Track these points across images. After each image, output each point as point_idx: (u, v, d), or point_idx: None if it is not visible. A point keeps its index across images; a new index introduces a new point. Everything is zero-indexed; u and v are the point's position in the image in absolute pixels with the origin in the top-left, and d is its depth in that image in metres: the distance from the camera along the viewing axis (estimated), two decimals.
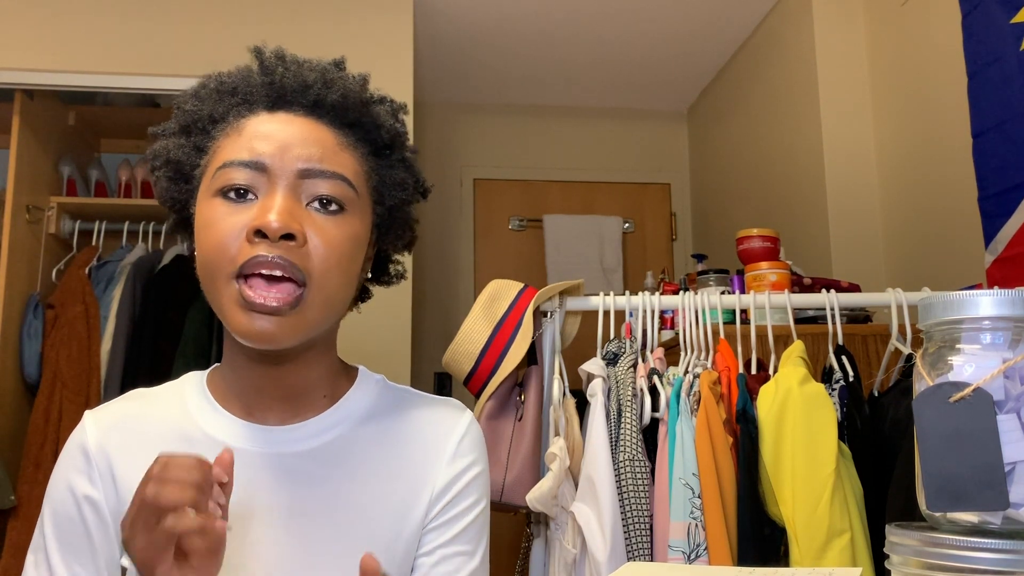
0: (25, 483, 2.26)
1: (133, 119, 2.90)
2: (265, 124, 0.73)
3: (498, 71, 3.45)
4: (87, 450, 0.77)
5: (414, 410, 0.84)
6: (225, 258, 0.68)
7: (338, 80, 0.77)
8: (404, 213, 0.83)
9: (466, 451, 0.82)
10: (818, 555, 1.26)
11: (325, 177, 0.72)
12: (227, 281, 0.68)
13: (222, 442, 0.76)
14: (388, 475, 0.78)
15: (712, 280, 1.94)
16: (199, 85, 0.79)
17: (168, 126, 0.79)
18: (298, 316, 0.69)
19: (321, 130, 0.75)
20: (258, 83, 0.76)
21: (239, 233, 0.68)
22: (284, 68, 0.76)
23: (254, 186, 0.70)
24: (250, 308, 0.67)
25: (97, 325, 2.44)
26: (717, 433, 1.38)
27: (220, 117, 0.76)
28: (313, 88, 0.75)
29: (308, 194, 0.71)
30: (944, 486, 0.57)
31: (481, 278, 3.62)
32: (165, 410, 0.80)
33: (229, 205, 0.70)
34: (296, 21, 2.56)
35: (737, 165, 3.27)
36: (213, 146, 0.75)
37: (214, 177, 0.71)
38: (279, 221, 0.67)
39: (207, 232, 0.70)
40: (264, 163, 0.70)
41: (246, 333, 0.68)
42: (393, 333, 2.41)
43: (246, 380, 0.78)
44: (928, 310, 0.62)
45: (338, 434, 0.79)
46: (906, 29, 2.33)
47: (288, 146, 0.71)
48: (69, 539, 0.74)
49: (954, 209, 2.09)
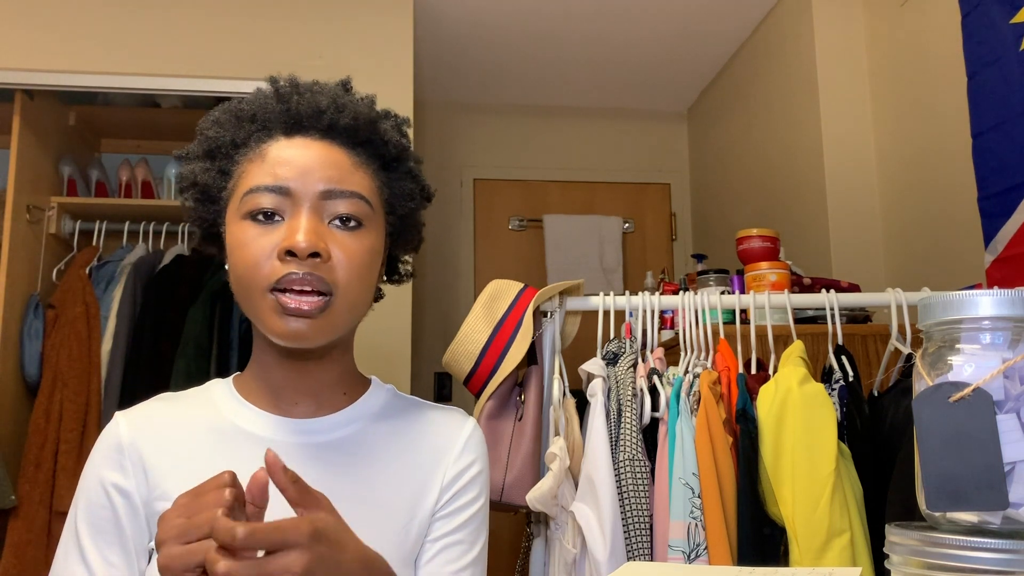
0: (25, 483, 2.26)
1: (133, 119, 2.90)
2: (285, 150, 0.81)
3: (498, 71, 3.45)
4: (120, 443, 0.82)
5: (423, 413, 0.93)
6: (260, 275, 0.77)
7: (349, 104, 0.84)
8: (413, 219, 0.92)
9: (471, 450, 0.91)
10: (818, 555, 1.26)
11: (344, 197, 0.80)
12: (263, 294, 0.77)
13: (251, 433, 0.84)
14: (402, 466, 0.87)
15: (712, 280, 1.94)
16: (219, 111, 0.86)
17: (192, 150, 0.87)
18: (326, 319, 0.78)
19: (336, 152, 0.82)
20: (275, 110, 0.83)
21: (271, 252, 0.77)
22: (299, 96, 0.83)
23: (280, 208, 0.78)
24: (286, 313, 0.76)
25: (97, 325, 2.44)
26: (717, 433, 1.38)
27: (242, 142, 0.84)
28: (326, 113, 0.82)
29: (329, 213, 0.80)
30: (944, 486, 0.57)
31: (481, 278, 3.62)
32: (195, 408, 0.87)
33: (258, 227, 0.78)
34: (296, 21, 2.56)
35: (737, 165, 3.27)
36: (237, 170, 0.83)
37: (242, 201, 0.79)
38: (306, 241, 0.75)
39: (240, 252, 0.78)
40: (288, 187, 0.78)
41: (282, 333, 0.77)
42: (393, 333, 2.41)
43: (276, 377, 0.85)
44: (928, 310, 0.62)
45: (357, 428, 0.88)
46: (906, 29, 2.33)
47: (308, 170, 0.79)
48: (101, 527, 0.79)
49: (954, 209, 2.09)
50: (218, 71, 2.46)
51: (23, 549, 2.20)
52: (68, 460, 2.29)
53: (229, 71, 2.46)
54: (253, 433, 0.83)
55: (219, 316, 2.44)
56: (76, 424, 2.32)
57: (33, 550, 2.21)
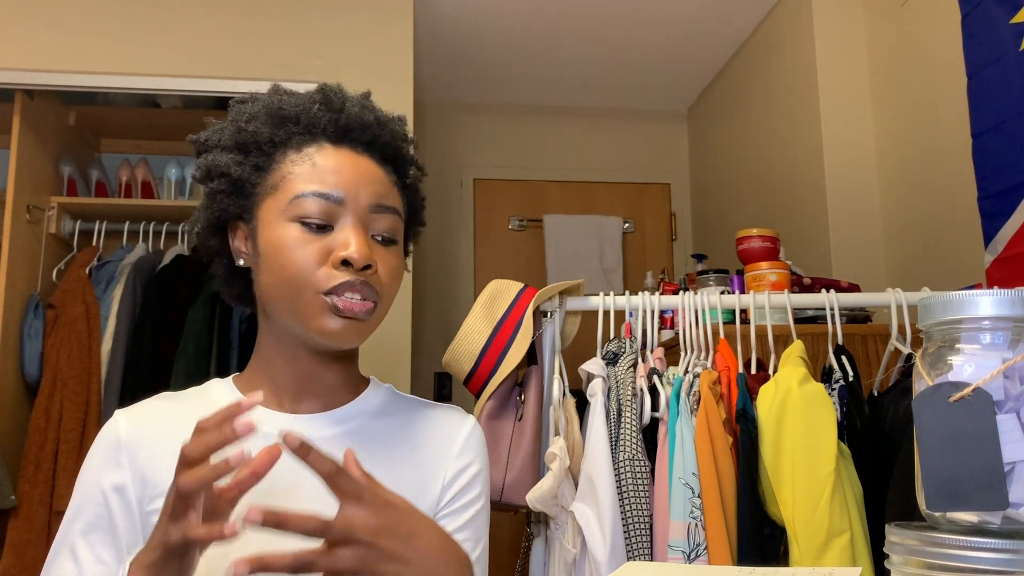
0: (25, 483, 2.26)
1: (133, 119, 2.90)
2: (334, 158, 0.83)
3: (498, 71, 3.45)
4: (118, 439, 0.84)
5: (422, 412, 0.94)
6: (313, 279, 0.79)
7: (388, 122, 0.89)
8: (418, 224, 0.98)
9: (470, 449, 0.92)
10: (818, 555, 1.26)
11: (387, 212, 0.84)
12: (313, 295, 0.80)
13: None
14: (402, 462, 0.88)
15: (712, 280, 1.94)
16: (254, 106, 0.86)
17: (221, 140, 0.86)
18: (368, 324, 0.83)
19: (378, 168, 0.86)
20: (323, 117, 0.85)
21: (323, 259, 0.80)
22: (350, 105, 0.86)
23: (330, 216, 0.81)
24: (339, 315, 0.79)
25: (97, 325, 2.44)
26: (717, 433, 1.38)
27: (282, 142, 0.84)
28: (370, 128, 0.86)
29: (374, 228, 0.84)
30: (944, 486, 0.57)
31: (481, 278, 3.62)
32: (194, 408, 0.86)
33: (307, 233, 0.80)
34: (296, 21, 2.56)
35: (737, 165, 3.27)
36: (278, 169, 0.83)
37: (291, 204, 0.81)
38: (362, 256, 0.79)
39: (288, 254, 0.80)
40: (342, 197, 0.81)
41: (331, 334, 0.80)
42: (393, 333, 2.41)
43: (285, 376, 0.87)
44: (928, 310, 0.62)
45: (358, 424, 0.89)
46: (906, 29, 2.33)
47: (360, 184, 0.83)
48: (95, 524, 0.80)
49: (954, 209, 2.09)
50: (218, 71, 2.45)
51: (23, 549, 2.20)
52: (68, 460, 2.29)
53: (229, 71, 2.46)
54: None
55: (219, 316, 2.44)
56: (76, 424, 2.32)
57: (33, 550, 2.21)
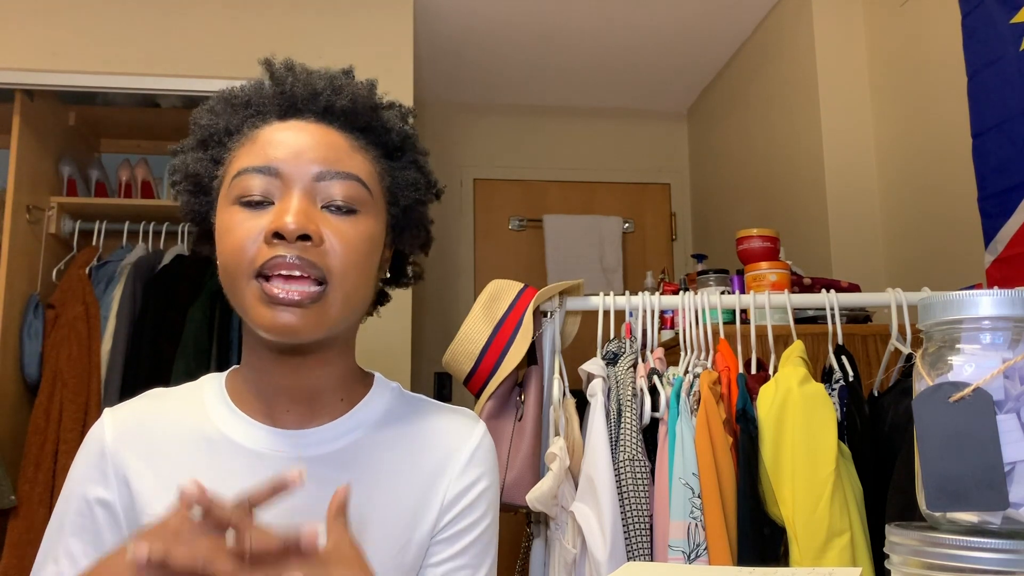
0: (25, 483, 2.26)
1: (133, 119, 2.90)
2: (278, 132, 0.76)
3: (498, 71, 3.45)
4: (104, 448, 0.79)
5: (428, 418, 0.86)
6: (245, 260, 0.71)
7: (347, 86, 0.79)
8: (418, 214, 0.85)
9: (477, 463, 0.84)
10: (818, 555, 1.26)
11: (339, 179, 0.74)
12: (247, 281, 0.71)
13: (240, 445, 0.78)
14: (401, 482, 0.80)
15: (712, 280, 1.94)
16: (213, 100, 0.81)
17: (186, 142, 0.82)
18: (319, 310, 0.71)
19: (333, 135, 0.77)
20: (269, 94, 0.79)
21: (257, 236, 0.71)
22: (294, 77, 0.79)
23: (270, 192, 0.73)
24: (273, 302, 0.70)
25: (97, 325, 2.44)
26: (717, 433, 1.38)
27: (235, 129, 0.78)
28: (323, 95, 0.77)
29: (323, 197, 0.74)
30: (944, 486, 0.57)
31: (481, 278, 3.62)
32: (185, 413, 0.82)
33: (247, 212, 0.72)
34: (296, 21, 2.56)
35: (737, 165, 3.27)
36: (229, 157, 0.77)
37: (231, 185, 0.74)
38: (295, 223, 0.69)
39: (227, 237, 0.73)
40: (278, 168, 0.73)
41: (270, 327, 0.70)
42: (393, 333, 2.41)
43: (266, 380, 0.79)
44: (928, 310, 0.62)
45: (353, 439, 0.81)
46: (906, 29, 2.33)
47: (301, 151, 0.74)
48: (79, 534, 0.78)
49: (954, 209, 2.09)
50: (218, 71, 2.45)
51: (23, 549, 2.20)
52: (68, 460, 2.28)
53: (229, 71, 2.45)
54: (241, 445, 0.78)
55: (219, 316, 2.44)
56: (76, 424, 2.32)
57: (33, 550, 2.19)
